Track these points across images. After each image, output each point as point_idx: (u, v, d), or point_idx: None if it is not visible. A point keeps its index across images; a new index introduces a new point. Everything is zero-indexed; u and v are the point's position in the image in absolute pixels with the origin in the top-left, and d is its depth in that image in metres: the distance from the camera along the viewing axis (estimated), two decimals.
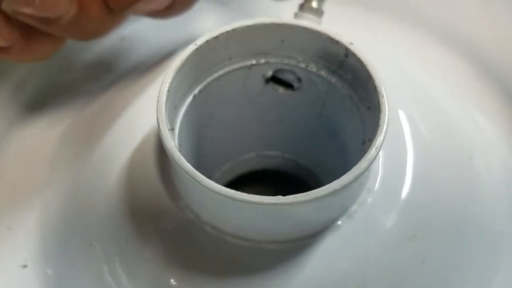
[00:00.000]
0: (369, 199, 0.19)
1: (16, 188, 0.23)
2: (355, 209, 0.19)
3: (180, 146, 0.20)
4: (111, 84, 0.27)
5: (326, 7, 0.23)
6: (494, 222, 0.20)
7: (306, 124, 0.25)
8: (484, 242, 0.20)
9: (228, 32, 0.19)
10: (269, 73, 0.22)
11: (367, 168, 0.16)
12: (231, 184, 0.31)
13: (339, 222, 0.19)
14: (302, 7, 0.22)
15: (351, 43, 0.19)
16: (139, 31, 0.29)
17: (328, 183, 0.16)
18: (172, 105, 0.19)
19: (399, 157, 0.21)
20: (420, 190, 0.20)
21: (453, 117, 0.25)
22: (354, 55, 0.19)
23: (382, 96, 0.17)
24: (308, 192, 0.15)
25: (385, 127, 0.16)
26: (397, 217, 0.19)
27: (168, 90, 0.17)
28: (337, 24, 0.28)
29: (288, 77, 0.23)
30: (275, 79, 0.23)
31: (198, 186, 0.16)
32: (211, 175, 0.29)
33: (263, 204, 0.15)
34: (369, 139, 0.18)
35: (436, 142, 0.23)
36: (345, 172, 0.17)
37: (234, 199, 0.15)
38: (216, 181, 0.29)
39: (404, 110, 0.25)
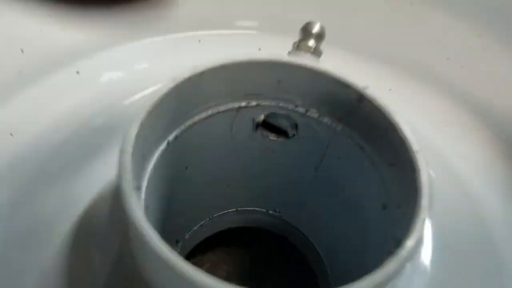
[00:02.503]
0: None
1: None
2: None
3: (146, 208, 0.15)
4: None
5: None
6: None
7: (300, 177, 0.21)
8: None
9: (214, 68, 0.16)
10: (261, 117, 0.19)
11: (403, 266, 0.12)
12: (206, 243, 0.26)
13: None
14: (298, 45, 0.18)
15: (366, 87, 0.16)
16: (93, 66, 0.25)
17: (325, 250, 0.12)
18: (139, 155, 0.14)
19: None
20: None
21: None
22: (370, 101, 0.15)
23: (416, 152, 0.14)
24: None
25: (426, 191, 0.13)
26: None
27: (136, 138, 0.13)
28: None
29: (282, 122, 0.19)
30: (266, 124, 0.20)
31: (172, 272, 0.11)
32: (182, 236, 0.24)
33: None
34: (398, 206, 0.14)
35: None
36: (351, 242, 0.13)
37: None
38: (187, 243, 0.25)
39: None
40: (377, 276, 0.11)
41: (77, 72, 0.25)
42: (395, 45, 0.29)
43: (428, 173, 0.13)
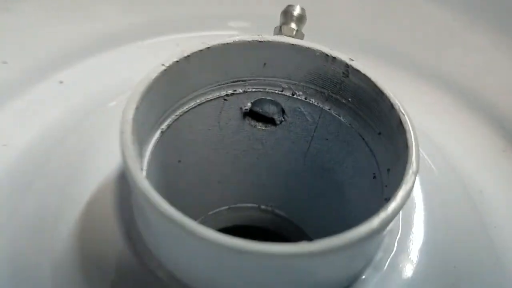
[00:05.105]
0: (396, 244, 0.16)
1: None
2: (381, 256, 0.15)
3: None
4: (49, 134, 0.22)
5: None
6: None
7: (288, 166, 0.21)
8: None
9: (201, 51, 0.16)
10: (248, 105, 0.19)
11: (408, 197, 0.12)
12: None
13: (363, 277, 0.14)
14: (280, 30, 0.19)
15: (352, 59, 0.16)
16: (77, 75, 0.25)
17: (319, 237, 0.12)
18: (137, 140, 0.14)
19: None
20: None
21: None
22: (356, 72, 0.16)
23: (403, 114, 0.14)
24: (341, 235, 0.11)
25: (414, 148, 0.13)
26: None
27: (133, 118, 0.13)
28: None
29: (269, 109, 0.19)
30: (253, 114, 0.20)
31: (183, 236, 0.11)
32: None
33: (288, 256, 0.11)
34: (388, 169, 0.15)
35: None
36: (346, 221, 0.14)
37: (241, 252, 0.11)
38: None
39: None
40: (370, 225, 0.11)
41: (61, 82, 0.25)
42: (388, 39, 0.29)
43: (416, 134, 0.14)
